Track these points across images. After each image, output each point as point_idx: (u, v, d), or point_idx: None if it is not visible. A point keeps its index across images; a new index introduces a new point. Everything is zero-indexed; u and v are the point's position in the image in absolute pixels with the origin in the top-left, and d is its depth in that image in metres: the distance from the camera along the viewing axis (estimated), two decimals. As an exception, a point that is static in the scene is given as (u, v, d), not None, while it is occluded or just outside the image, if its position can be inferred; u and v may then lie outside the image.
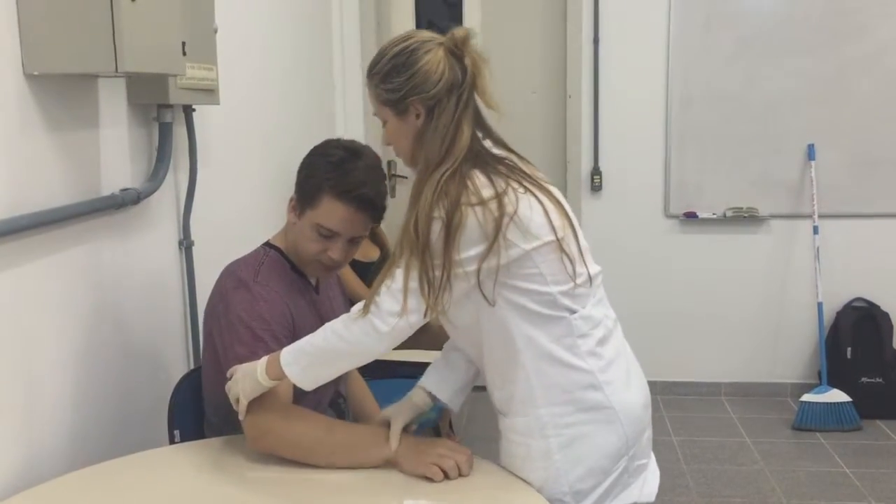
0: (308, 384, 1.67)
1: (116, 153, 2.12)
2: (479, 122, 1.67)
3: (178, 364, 2.46)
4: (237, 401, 1.72)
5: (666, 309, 4.53)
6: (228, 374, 1.76)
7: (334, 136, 2.12)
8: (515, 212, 1.55)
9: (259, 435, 1.73)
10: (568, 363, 1.62)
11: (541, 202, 1.60)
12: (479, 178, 1.58)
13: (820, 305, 4.27)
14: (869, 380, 4.20)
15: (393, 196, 4.69)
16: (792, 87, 4.29)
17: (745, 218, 4.41)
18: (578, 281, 1.62)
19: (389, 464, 1.67)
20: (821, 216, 4.28)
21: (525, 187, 1.60)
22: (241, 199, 3.02)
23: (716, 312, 4.52)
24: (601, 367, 1.64)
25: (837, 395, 4.11)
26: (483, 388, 1.75)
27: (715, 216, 4.41)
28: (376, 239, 3.76)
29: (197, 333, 2.53)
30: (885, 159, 4.28)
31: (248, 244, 3.10)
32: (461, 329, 1.71)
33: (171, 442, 2.07)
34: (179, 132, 2.42)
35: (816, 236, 4.27)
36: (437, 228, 1.54)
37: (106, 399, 2.06)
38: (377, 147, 2.17)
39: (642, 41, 4.36)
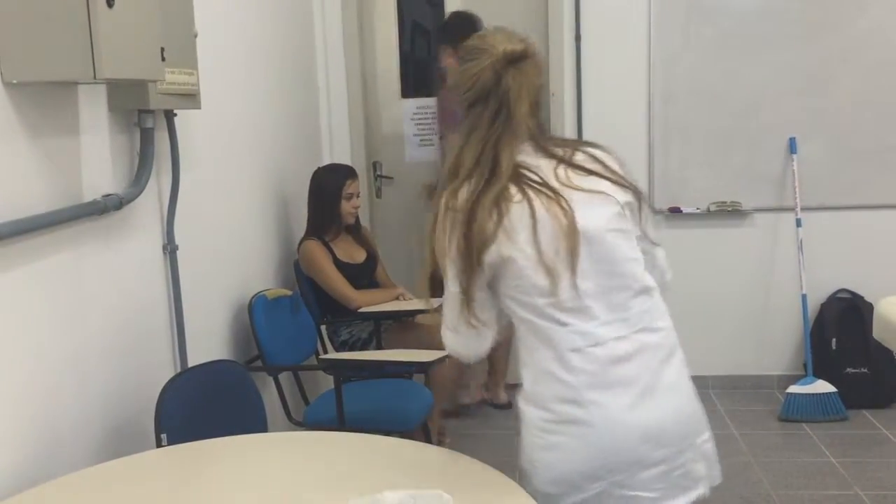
0: None
1: (98, 159, 2.13)
2: (516, 135, 1.69)
3: (164, 368, 2.46)
4: None
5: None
6: None
7: (318, 138, 2.16)
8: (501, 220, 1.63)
9: None
10: (554, 374, 1.64)
11: (533, 211, 1.63)
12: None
13: (804, 297, 4.30)
14: (854, 370, 4.22)
15: (378, 197, 4.70)
16: (772, 80, 4.31)
17: (728, 212, 4.43)
18: (562, 297, 1.63)
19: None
20: (804, 209, 4.30)
21: (525, 194, 1.64)
22: (226, 202, 3.02)
23: (701, 306, 4.53)
24: (590, 384, 1.63)
25: (823, 386, 4.13)
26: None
27: (699, 211, 4.43)
28: (362, 241, 3.78)
29: (183, 337, 2.54)
30: (866, 151, 4.30)
31: (233, 247, 3.11)
32: None
33: (158, 445, 2.08)
34: (161, 137, 2.42)
35: (800, 229, 4.30)
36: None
37: (92, 404, 2.07)
38: (361, 148, 2.20)
39: (624, 38, 4.38)
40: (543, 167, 1.69)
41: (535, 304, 1.65)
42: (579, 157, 1.73)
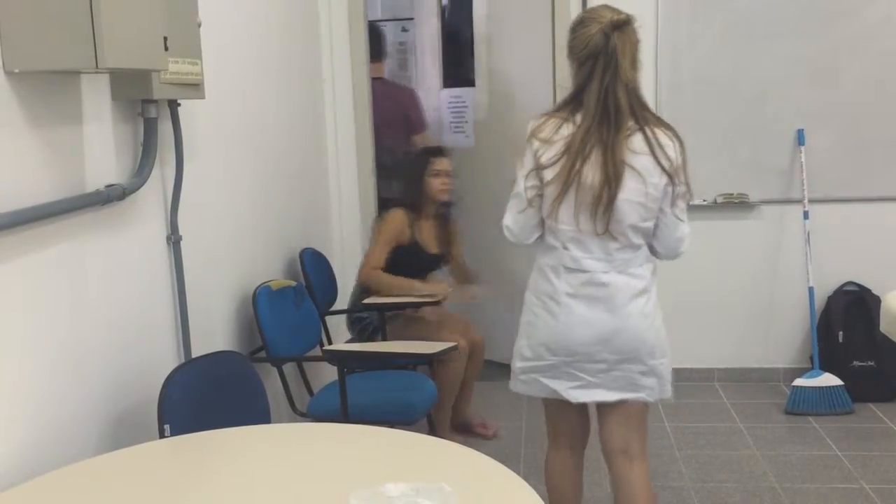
0: None
1: (101, 149, 2.12)
2: (615, 89, 2.22)
3: (167, 359, 2.46)
4: None
5: (658, 296, 4.53)
6: None
7: (323, 129, 2.16)
8: (540, 146, 2.26)
9: None
10: (547, 276, 2.34)
11: (580, 166, 2.23)
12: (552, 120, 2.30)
13: (811, 290, 4.28)
14: (861, 363, 4.21)
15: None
16: (780, 71, 4.28)
17: (735, 204, 4.41)
18: (562, 226, 2.27)
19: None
20: (811, 201, 4.28)
21: (579, 145, 2.21)
22: (229, 192, 3.02)
23: (708, 299, 4.53)
24: (566, 291, 2.30)
25: (829, 380, 4.12)
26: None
27: (705, 202, 4.41)
28: (445, 237, 3.82)
29: (186, 328, 2.53)
30: (874, 143, 4.28)
31: (237, 237, 3.11)
32: None
33: (161, 436, 2.07)
34: (165, 127, 2.41)
35: (807, 221, 4.28)
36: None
37: (95, 395, 2.06)
38: (367, 139, 2.26)
39: (631, 28, 4.35)
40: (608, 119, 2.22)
41: (553, 226, 2.30)
42: (638, 138, 2.22)
